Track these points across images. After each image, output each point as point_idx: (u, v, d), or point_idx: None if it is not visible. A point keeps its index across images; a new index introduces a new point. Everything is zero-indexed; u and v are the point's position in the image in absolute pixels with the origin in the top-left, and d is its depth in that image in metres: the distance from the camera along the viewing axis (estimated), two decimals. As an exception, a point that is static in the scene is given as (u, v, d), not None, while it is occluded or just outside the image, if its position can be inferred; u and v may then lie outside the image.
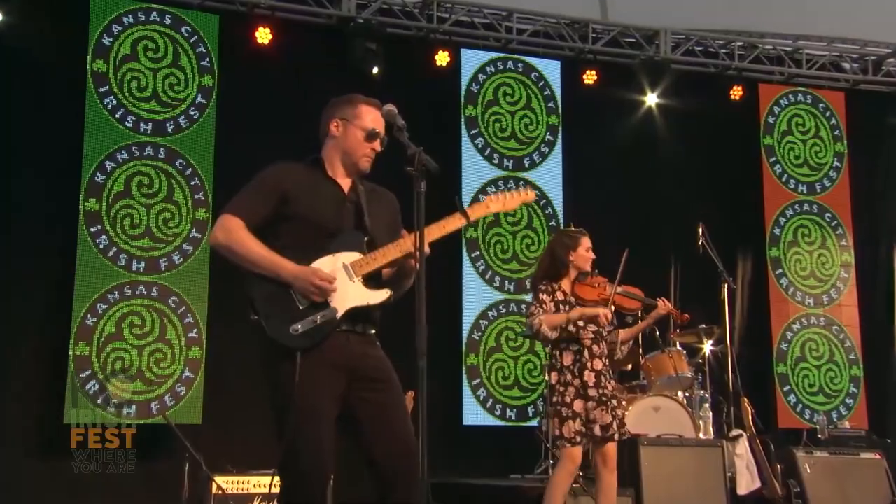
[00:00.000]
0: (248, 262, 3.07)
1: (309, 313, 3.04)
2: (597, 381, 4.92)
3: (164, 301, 7.37)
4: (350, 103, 3.31)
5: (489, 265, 8.57)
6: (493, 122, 8.81)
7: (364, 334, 3.17)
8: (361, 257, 3.15)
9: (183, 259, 7.48)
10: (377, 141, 3.28)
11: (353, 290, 3.12)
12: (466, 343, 8.37)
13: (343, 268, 3.12)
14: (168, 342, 7.34)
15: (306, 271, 3.05)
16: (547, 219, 8.78)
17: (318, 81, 7.94)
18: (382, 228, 3.27)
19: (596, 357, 4.97)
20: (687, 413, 6.42)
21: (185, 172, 7.62)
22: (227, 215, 3.13)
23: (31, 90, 7.37)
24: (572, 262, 5.07)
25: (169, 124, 7.64)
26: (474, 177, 8.61)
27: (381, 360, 3.18)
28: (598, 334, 5.02)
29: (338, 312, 3.07)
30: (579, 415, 4.86)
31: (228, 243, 3.09)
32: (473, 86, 8.80)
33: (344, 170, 3.28)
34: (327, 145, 3.31)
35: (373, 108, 3.30)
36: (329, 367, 3.04)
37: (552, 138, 8.95)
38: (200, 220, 7.58)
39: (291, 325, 3.01)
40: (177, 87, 7.72)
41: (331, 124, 3.29)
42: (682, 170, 9.21)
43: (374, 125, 3.27)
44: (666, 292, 8.68)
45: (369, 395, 3.09)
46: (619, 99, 9.11)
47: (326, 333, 3.05)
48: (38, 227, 7.23)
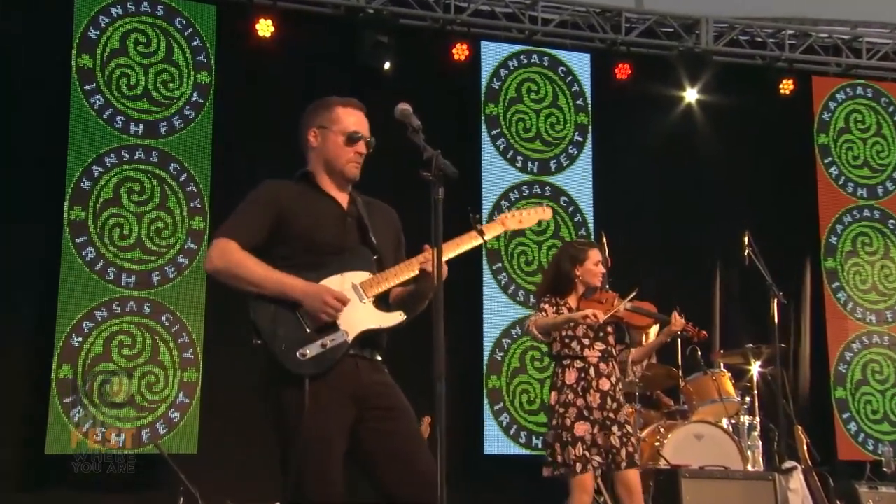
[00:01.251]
0: (251, 284, 3.09)
1: (317, 337, 3.06)
2: (602, 403, 4.93)
3: (156, 319, 7.42)
4: (325, 108, 3.34)
5: (512, 278, 8.58)
6: (516, 121, 8.83)
7: (372, 361, 3.19)
8: (371, 276, 3.18)
9: (177, 272, 7.53)
10: (361, 143, 3.30)
11: (364, 312, 3.14)
12: (488, 364, 8.37)
13: (352, 288, 3.14)
14: (161, 364, 7.38)
15: (318, 289, 3.07)
16: (576, 227, 8.78)
17: (325, 78, 8.02)
18: (387, 247, 3.30)
19: (603, 376, 4.99)
20: (733, 442, 6.38)
21: (180, 178, 7.68)
22: (221, 238, 3.15)
23: (9, 88, 7.43)
24: (579, 276, 5.10)
25: (162, 125, 7.70)
26: (495, 181, 8.63)
27: (390, 388, 3.19)
28: (607, 353, 5.04)
29: (349, 336, 3.09)
30: (581, 439, 4.85)
31: (226, 266, 3.11)
32: (494, 82, 8.82)
33: (333, 182, 3.31)
34: (310, 158, 3.34)
35: (351, 109, 3.33)
36: (337, 395, 3.05)
37: (581, 139, 8.96)
38: (196, 229, 7.63)
39: (299, 349, 3.03)
40: (170, 85, 7.79)
41: (308, 135, 3.33)
42: (725, 173, 9.19)
43: (355, 127, 3.30)
44: (708, 309, 8.66)
45: (381, 424, 3.10)
46: (655, 95, 9.11)
47: (336, 359, 3.06)
48: (19, 239, 7.27)
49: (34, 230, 7.36)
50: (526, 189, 8.73)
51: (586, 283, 5.11)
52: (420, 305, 3.26)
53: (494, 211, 8.49)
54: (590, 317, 4.89)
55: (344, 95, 3.42)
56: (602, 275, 5.15)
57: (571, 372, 4.97)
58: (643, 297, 5.38)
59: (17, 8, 7.49)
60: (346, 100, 3.36)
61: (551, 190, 8.77)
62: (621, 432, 4.90)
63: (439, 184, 2.92)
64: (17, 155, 7.39)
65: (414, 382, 3.31)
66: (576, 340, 5.01)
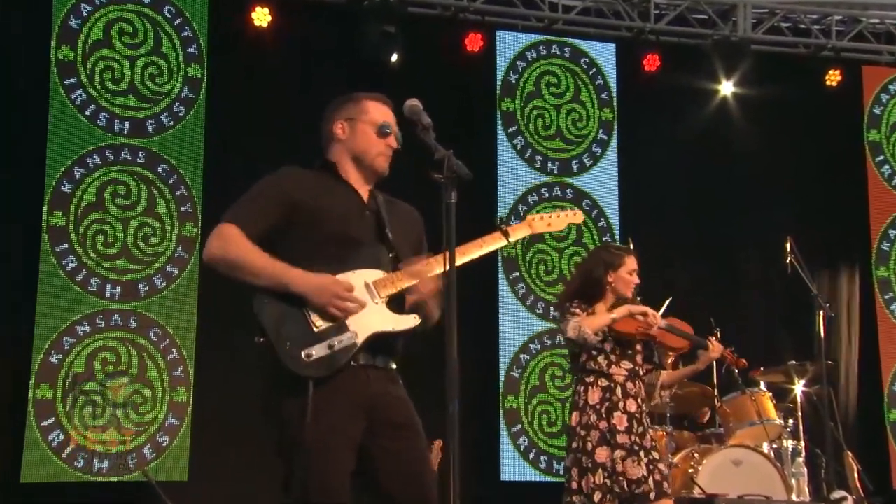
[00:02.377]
0: (252, 275, 3.12)
1: (325, 337, 3.09)
2: (629, 426, 4.88)
3: (143, 334, 7.45)
4: (353, 101, 3.41)
5: (531, 289, 8.59)
6: (534, 117, 8.85)
7: (385, 369, 3.21)
8: (385, 275, 3.21)
9: (166, 283, 7.56)
10: (391, 136, 3.36)
11: (376, 313, 3.16)
12: (504, 382, 8.38)
13: (365, 287, 3.17)
14: (148, 383, 7.41)
15: (325, 281, 3.10)
16: (600, 233, 8.79)
17: (327, 71, 8.06)
18: (405, 245, 3.32)
19: (630, 397, 4.95)
20: (775, 468, 6.37)
21: (170, 180, 7.72)
22: (225, 224, 3.18)
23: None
24: (611, 284, 5.07)
25: (150, 123, 7.75)
26: (512, 183, 8.65)
27: (404, 403, 3.22)
28: (634, 372, 5.01)
29: (358, 338, 3.12)
30: (602, 465, 4.81)
31: (225, 255, 3.14)
32: (511, 75, 8.85)
33: (360, 175, 3.36)
34: (334, 150, 3.39)
35: (380, 103, 3.41)
36: (346, 406, 3.08)
37: (605, 137, 8.97)
38: (187, 236, 7.67)
39: (304, 349, 3.06)
40: (159, 79, 7.83)
41: (335, 128, 3.38)
42: (765, 174, 9.18)
43: (385, 118, 3.37)
44: (745, 322, 8.64)
45: (390, 444, 3.12)
46: (687, 88, 9.11)
47: (344, 363, 3.09)
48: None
49: (10, 237, 7.40)
50: (545, 192, 8.75)
51: (618, 292, 5.06)
52: (435, 313, 3.26)
53: (511, 216, 8.50)
54: (649, 315, 4.87)
55: (346, 90, 3.47)
56: (635, 285, 5.12)
57: (595, 391, 4.93)
58: (676, 312, 5.37)
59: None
60: (374, 94, 3.44)
61: (573, 192, 8.79)
62: (648, 459, 4.86)
63: (452, 186, 2.93)
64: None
65: (424, 402, 3.32)
66: (602, 355, 4.96)
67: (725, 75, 9.09)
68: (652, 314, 4.93)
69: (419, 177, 3.05)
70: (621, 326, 4.99)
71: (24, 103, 7.56)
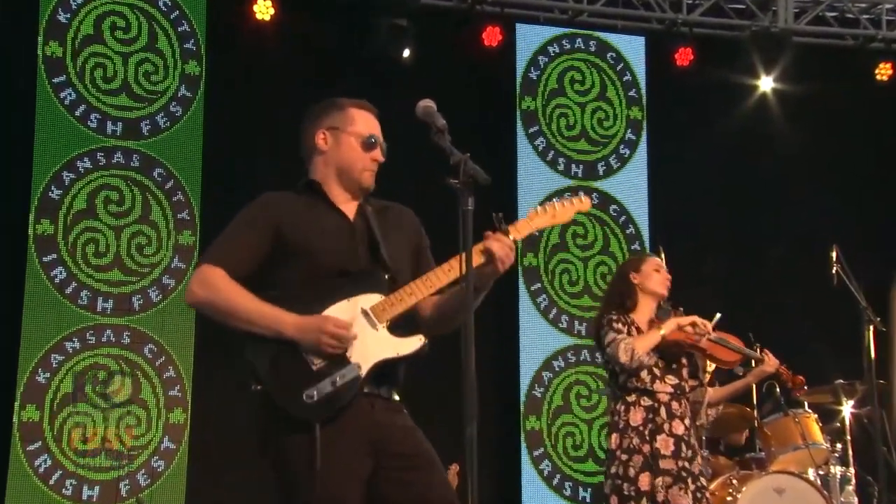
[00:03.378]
0: (239, 321, 3.13)
1: (325, 374, 3.09)
2: (676, 450, 4.84)
3: (137, 350, 7.48)
4: (337, 108, 3.40)
5: (553, 301, 8.59)
6: (557, 117, 8.87)
7: (389, 399, 3.22)
8: (384, 299, 3.21)
9: (162, 296, 7.60)
10: (377, 149, 3.36)
11: (378, 340, 3.16)
12: (525, 402, 8.38)
13: (362, 314, 3.18)
14: (143, 403, 7.44)
15: (313, 322, 3.10)
16: (628, 241, 8.79)
17: (334, 69, 8.07)
18: (403, 260, 3.33)
19: (676, 418, 4.91)
20: (822, 497, 6.32)
21: (166, 185, 7.76)
22: (206, 266, 3.20)
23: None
24: (638, 285, 5.07)
25: (144, 124, 7.79)
26: (533, 188, 8.65)
27: (411, 432, 3.22)
28: (680, 389, 4.97)
29: (361, 369, 3.12)
30: (646, 494, 4.78)
31: (209, 299, 3.16)
32: (532, 71, 8.87)
33: (344, 191, 3.36)
34: (316, 164, 3.39)
35: (365, 112, 3.40)
36: (352, 444, 3.08)
37: (634, 137, 8.98)
38: (184, 245, 7.70)
39: (305, 390, 3.06)
40: (154, 77, 7.88)
41: (317, 137, 3.37)
42: (808, 175, 9.16)
43: (371, 130, 3.36)
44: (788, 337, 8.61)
45: (404, 475, 3.12)
46: (723, 84, 9.10)
47: (349, 399, 3.09)
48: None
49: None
50: (569, 196, 8.73)
51: (650, 291, 5.06)
52: (458, 316, 3.16)
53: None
54: (699, 324, 4.86)
55: (357, 88, 3.49)
56: (667, 281, 5.10)
57: (637, 411, 4.90)
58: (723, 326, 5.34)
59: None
60: (359, 101, 3.43)
61: (599, 197, 8.78)
62: (695, 486, 4.83)
63: (468, 192, 2.94)
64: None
65: (440, 424, 3.34)
66: (646, 370, 4.92)
67: (765, 70, 9.09)
68: (701, 323, 4.92)
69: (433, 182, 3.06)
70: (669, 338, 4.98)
71: (9, 103, 7.60)
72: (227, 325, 3.16)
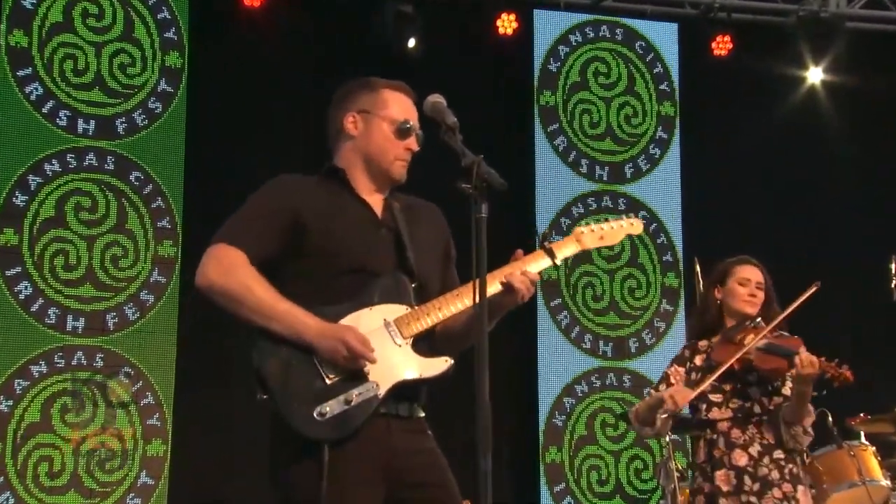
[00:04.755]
0: (257, 315, 3.13)
1: (340, 390, 3.09)
2: (738, 485, 4.75)
3: (112, 375, 7.47)
4: (369, 89, 3.41)
5: (576, 318, 8.59)
6: (579, 113, 8.88)
7: (411, 419, 3.23)
8: (409, 311, 3.22)
9: (140, 314, 7.60)
10: (412, 137, 3.36)
11: (400, 357, 3.17)
12: (545, 432, 8.37)
13: (384, 326, 3.18)
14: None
15: (337, 330, 3.11)
16: (659, 251, 8.78)
17: (331, 60, 8.07)
18: (432, 267, 3.35)
19: (737, 447, 4.82)
20: (882, 540, 6.33)
21: (144, 190, 7.77)
22: (223, 245, 3.19)
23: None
24: (720, 300, 5.03)
25: (120, 122, 7.80)
26: (553, 193, 8.67)
27: (434, 457, 3.24)
28: (746, 412, 4.87)
29: (380, 389, 3.13)
30: None
31: (226, 285, 3.15)
32: (551, 63, 8.88)
33: (371, 182, 3.37)
34: (343, 150, 3.40)
35: (401, 94, 3.41)
36: (364, 470, 3.10)
37: (666, 136, 8.98)
38: (165, 257, 7.71)
39: (316, 406, 3.07)
40: (130, 70, 7.90)
41: (345, 120, 3.38)
42: (862, 177, 9.15)
43: (406, 115, 3.37)
44: (839, 358, 8.58)
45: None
46: (767, 76, 9.09)
47: (363, 420, 3.10)
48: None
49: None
50: (593, 202, 8.75)
51: (732, 310, 4.98)
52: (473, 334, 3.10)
53: (552, 232, 8.50)
54: (667, 402, 4.70)
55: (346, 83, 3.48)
56: (751, 297, 4.96)
57: (701, 446, 4.89)
58: None
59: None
60: (395, 82, 3.43)
61: (626, 202, 8.78)
62: None
63: (482, 198, 2.94)
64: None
65: (450, 456, 3.32)
66: (702, 397, 4.87)
67: (813, 60, 9.09)
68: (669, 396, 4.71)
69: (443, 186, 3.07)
70: (717, 354, 4.86)
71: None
72: (238, 317, 3.16)
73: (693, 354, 5.00)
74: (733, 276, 5.03)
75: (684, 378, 4.93)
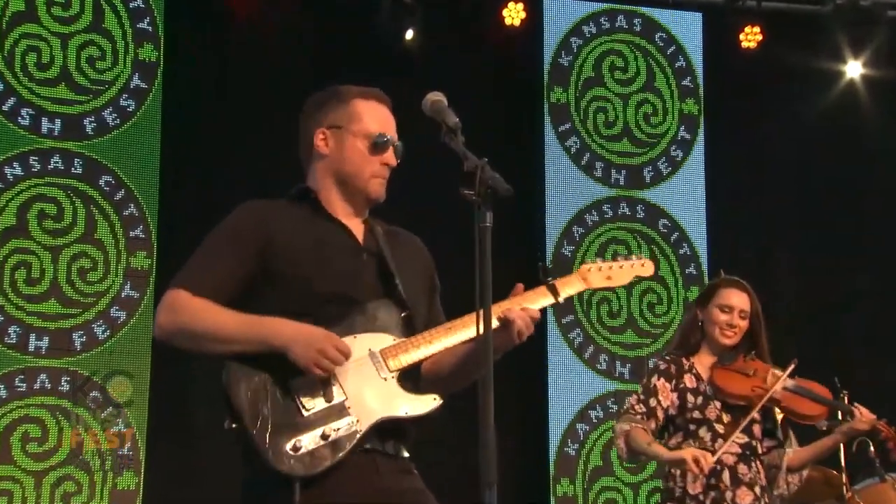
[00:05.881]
0: (217, 339, 3.14)
1: (317, 423, 3.08)
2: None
3: (79, 399, 7.47)
4: (338, 100, 3.41)
5: (590, 337, 8.59)
6: (594, 112, 8.89)
7: (396, 457, 3.22)
8: (397, 343, 3.23)
9: (110, 332, 7.60)
10: (389, 151, 3.37)
11: (384, 391, 3.17)
12: (556, 462, 8.38)
13: (369, 357, 3.19)
14: (85, 466, 7.42)
15: (312, 332, 3.10)
16: (681, 263, 8.79)
17: (323, 53, 8.08)
18: (419, 297, 3.35)
19: (743, 485, 4.93)
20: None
21: (115, 196, 7.77)
22: (174, 290, 3.21)
23: None
24: (701, 323, 5.13)
25: (88, 121, 7.81)
26: (565, 200, 8.68)
27: (425, 498, 3.23)
28: (751, 449, 5.00)
29: (361, 425, 3.12)
30: None
31: (179, 324, 3.17)
32: (563, 56, 8.89)
33: (348, 204, 3.37)
34: (314, 170, 3.41)
35: (374, 103, 3.40)
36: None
37: (689, 136, 8.99)
38: (138, 269, 7.71)
39: (291, 438, 3.06)
40: (100, 64, 7.91)
41: (315, 137, 3.39)
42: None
43: (381, 127, 3.37)
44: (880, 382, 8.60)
45: None
46: (800, 70, 9.11)
47: (341, 457, 3.09)
48: None
49: None
50: (609, 209, 8.76)
51: (708, 336, 5.11)
52: (473, 374, 3.16)
53: (564, 241, 8.52)
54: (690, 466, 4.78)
55: (350, 78, 3.48)
56: (728, 327, 5.07)
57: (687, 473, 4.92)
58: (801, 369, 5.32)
59: None
60: (367, 90, 3.42)
61: (645, 210, 8.80)
62: None
63: (486, 206, 2.93)
64: None
65: (451, 490, 3.34)
66: (705, 426, 4.97)
67: (852, 52, 9.10)
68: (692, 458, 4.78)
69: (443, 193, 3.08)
70: (725, 383, 4.99)
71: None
72: (204, 352, 3.17)
73: (679, 372, 5.05)
74: (715, 300, 5.12)
75: (672, 398, 5.01)
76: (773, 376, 5.11)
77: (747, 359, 5.14)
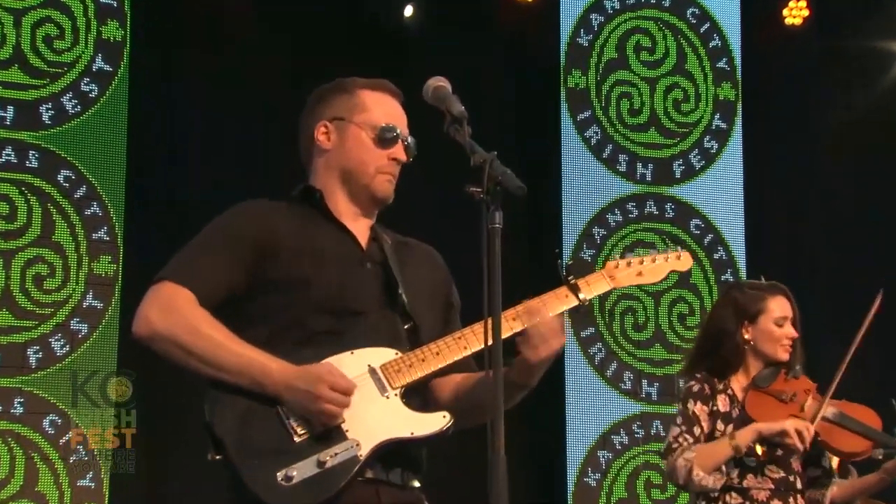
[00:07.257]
0: (206, 363, 3.15)
1: (311, 450, 3.10)
2: None
3: (33, 424, 7.49)
4: (342, 91, 3.46)
5: (613, 352, 8.62)
6: (616, 98, 8.93)
7: (404, 487, 3.24)
8: (400, 357, 3.25)
9: (70, 347, 7.61)
10: (398, 145, 3.40)
11: (387, 411, 3.19)
12: (575, 492, 8.40)
13: (369, 373, 3.21)
14: (40, 498, 7.45)
15: (308, 374, 3.11)
16: (716, 268, 8.81)
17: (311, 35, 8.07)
18: (428, 311, 3.38)
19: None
20: None
21: (75, 193, 7.78)
22: (167, 283, 3.22)
23: None
24: (749, 342, 5.09)
25: (45, 109, 7.82)
26: (585, 197, 8.72)
27: None
28: (785, 485, 4.96)
29: (361, 450, 3.14)
30: None
31: (171, 330, 3.17)
32: (582, 36, 8.92)
33: (353, 204, 3.41)
34: (316, 167, 3.45)
35: (381, 94, 3.45)
36: None
37: (725, 125, 9.02)
38: (101, 276, 7.72)
39: (281, 468, 3.08)
40: (58, 43, 7.92)
41: (316, 131, 3.43)
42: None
43: (389, 119, 3.40)
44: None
45: None
46: (849, 52, 9.13)
47: (339, 486, 3.10)
48: None
49: None
50: (634, 208, 8.79)
51: (764, 354, 5.05)
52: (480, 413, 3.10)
53: (583, 244, 8.54)
54: (793, 436, 4.77)
55: (343, 61, 3.52)
56: (791, 342, 5.04)
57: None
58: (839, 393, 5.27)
59: None
60: (375, 81, 3.46)
61: (675, 209, 8.82)
62: None
63: (496, 205, 2.94)
64: None
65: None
66: (733, 461, 4.92)
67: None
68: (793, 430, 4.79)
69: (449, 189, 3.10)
70: (758, 410, 4.93)
71: None
72: (186, 367, 3.17)
73: (713, 393, 5.02)
74: (768, 314, 5.06)
75: (710, 422, 4.95)
76: (813, 401, 5.02)
77: (789, 377, 5.07)
